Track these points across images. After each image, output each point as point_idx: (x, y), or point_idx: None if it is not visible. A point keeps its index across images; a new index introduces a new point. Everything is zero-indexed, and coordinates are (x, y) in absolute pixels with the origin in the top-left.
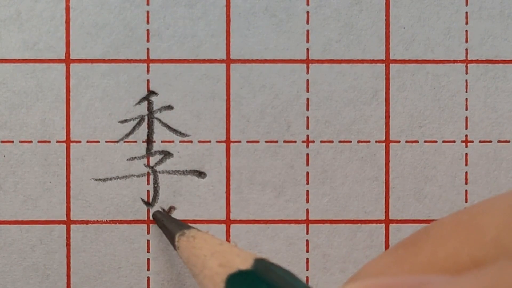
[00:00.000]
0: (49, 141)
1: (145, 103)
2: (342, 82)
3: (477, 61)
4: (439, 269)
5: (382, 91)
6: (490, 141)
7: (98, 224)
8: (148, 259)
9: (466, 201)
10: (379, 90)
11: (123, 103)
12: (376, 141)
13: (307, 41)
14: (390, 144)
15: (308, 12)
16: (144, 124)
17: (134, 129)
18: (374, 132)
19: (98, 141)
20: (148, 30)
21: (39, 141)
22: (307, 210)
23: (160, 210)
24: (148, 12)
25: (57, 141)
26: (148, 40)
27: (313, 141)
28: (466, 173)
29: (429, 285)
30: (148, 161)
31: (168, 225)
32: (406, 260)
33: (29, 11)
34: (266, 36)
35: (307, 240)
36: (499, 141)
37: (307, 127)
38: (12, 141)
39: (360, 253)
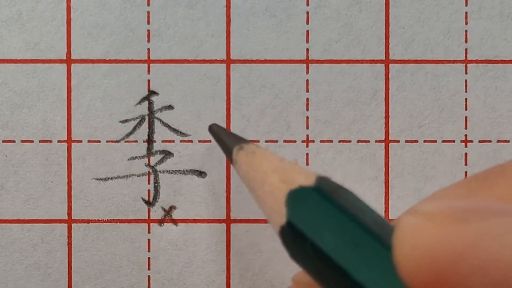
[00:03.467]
0: (50, 141)
1: (146, 103)
2: (342, 82)
3: (476, 61)
4: None
5: (382, 91)
6: (490, 141)
7: (99, 223)
8: (149, 258)
9: None
10: (378, 90)
11: (124, 103)
12: (376, 141)
13: (307, 41)
14: (390, 144)
15: (308, 12)
16: (145, 124)
17: (134, 129)
18: (373, 132)
19: (99, 141)
20: (148, 31)
21: (40, 141)
22: None
23: (216, 124)
24: (148, 12)
25: (58, 141)
26: (148, 41)
27: (313, 141)
28: (466, 173)
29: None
30: (149, 160)
31: (225, 138)
32: (479, 192)
33: (30, 11)
34: (266, 36)
35: None
36: (498, 141)
37: (307, 127)
38: (14, 141)
39: None
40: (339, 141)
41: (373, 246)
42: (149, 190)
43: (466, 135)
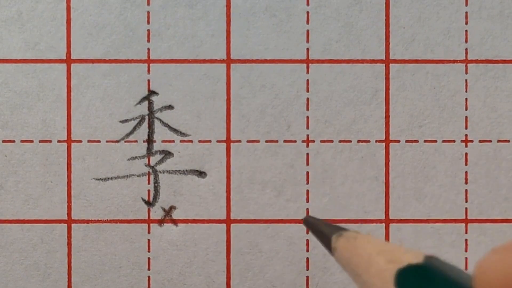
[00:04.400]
0: (50, 141)
1: (146, 103)
2: (342, 82)
3: (476, 61)
4: None
5: (382, 91)
6: (490, 141)
7: (99, 224)
8: (149, 259)
9: (466, 201)
10: (379, 90)
11: (124, 103)
12: (376, 141)
13: (307, 41)
14: (390, 144)
15: (308, 12)
16: (145, 124)
17: (134, 129)
18: (374, 132)
19: (99, 141)
20: (148, 30)
21: (40, 141)
22: (307, 209)
23: (309, 216)
24: (148, 12)
25: (58, 141)
26: (148, 40)
27: (313, 141)
28: (466, 172)
29: None
30: (149, 160)
31: (323, 228)
32: None
33: (30, 11)
34: (266, 36)
35: (307, 240)
36: (499, 141)
37: (307, 127)
38: (14, 141)
39: None
40: (339, 141)
41: None
42: (149, 190)
43: (466, 135)
